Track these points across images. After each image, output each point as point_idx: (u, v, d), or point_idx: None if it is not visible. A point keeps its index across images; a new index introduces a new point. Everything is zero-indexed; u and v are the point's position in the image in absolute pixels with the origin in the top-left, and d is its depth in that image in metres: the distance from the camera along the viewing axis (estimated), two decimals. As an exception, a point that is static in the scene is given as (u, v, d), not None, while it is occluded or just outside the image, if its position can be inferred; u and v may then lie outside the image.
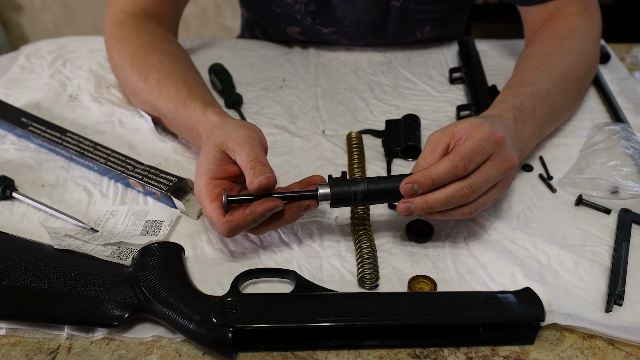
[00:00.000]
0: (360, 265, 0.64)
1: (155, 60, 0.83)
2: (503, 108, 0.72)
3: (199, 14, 2.26)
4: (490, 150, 0.62)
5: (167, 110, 0.79)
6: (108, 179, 0.78)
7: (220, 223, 0.62)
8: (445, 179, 0.61)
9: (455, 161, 0.60)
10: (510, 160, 0.63)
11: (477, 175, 0.61)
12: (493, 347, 0.57)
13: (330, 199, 0.63)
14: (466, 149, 0.61)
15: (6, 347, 0.58)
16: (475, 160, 0.61)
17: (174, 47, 0.88)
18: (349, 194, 0.63)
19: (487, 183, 0.62)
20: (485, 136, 0.62)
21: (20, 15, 2.36)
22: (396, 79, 0.98)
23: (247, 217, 0.61)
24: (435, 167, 0.61)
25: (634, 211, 0.70)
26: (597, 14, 0.90)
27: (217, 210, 0.62)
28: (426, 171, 0.61)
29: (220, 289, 0.62)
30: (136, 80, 0.83)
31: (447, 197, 0.61)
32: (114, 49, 0.88)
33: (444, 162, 0.61)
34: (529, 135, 0.73)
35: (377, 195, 0.63)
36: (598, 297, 0.61)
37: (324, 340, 0.57)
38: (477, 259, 0.65)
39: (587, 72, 0.85)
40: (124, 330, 0.59)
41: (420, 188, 0.61)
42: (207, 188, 0.63)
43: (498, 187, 0.64)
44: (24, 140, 0.84)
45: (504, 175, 0.63)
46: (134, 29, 0.88)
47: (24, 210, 0.73)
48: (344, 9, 0.99)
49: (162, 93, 0.79)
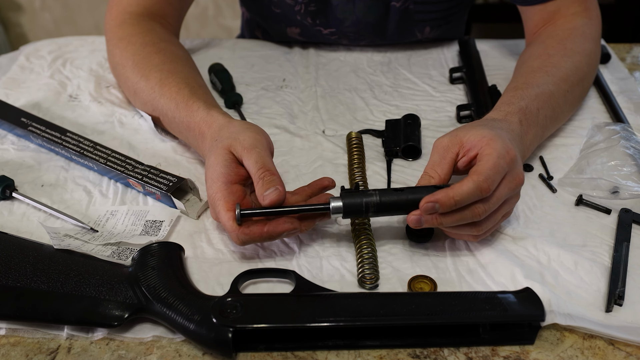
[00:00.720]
0: (360, 265, 0.64)
1: (157, 60, 0.83)
2: (509, 111, 0.72)
3: (199, 14, 2.26)
4: (507, 169, 0.62)
5: (167, 109, 0.79)
6: (108, 179, 0.78)
7: (236, 234, 0.62)
8: (469, 200, 0.60)
9: (480, 182, 0.59)
10: (519, 177, 0.63)
11: (494, 197, 0.61)
12: (493, 347, 0.57)
13: (342, 211, 0.63)
14: (487, 169, 0.60)
15: (6, 347, 0.58)
16: (496, 181, 0.60)
17: (176, 47, 0.88)
18: (360, 207, 0.62)
19: (499, 202, 0.62)
20: (501, 154, 0.62)
21: (20, 15, 2.36)
22: (396, 79, 0.98)
23: (264, 234, 0.62)
24: (459, 188, 0.59)
25: (634, 211, 0.70)
26: (597, 14, 0.90)
27: (233, 220, 0.62)
28: (450, 191, 0.59)
29: (220, 289, 0.62)
30: (137, 80, 0.83)
31: (459, 215, 0.61)
32: (115, 49, 0.87)
33: (468, 184, 0.59)
34: (531, 140, 0.73)
35: (390, 208, 0.62)
36: (598, 297, 0.61)
37: (324, 340, 0.57)
38: (477, 259, 0.65)
39: (588, 73, 0.85)
40: (124, 331, 0.59)
41: (441, 208, 0.59)
42: (222, 194, 0.63)
43: (507, 203, 0.64)
44: (23, 140, 0.84)
45: (513, 192, 0.63)
46: (136, 28, 0.88)
47: (23, 210, 0.73)
48: (344, 9, 0.99)
49: (163, 92, 0.79)
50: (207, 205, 0.72)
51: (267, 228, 0.62)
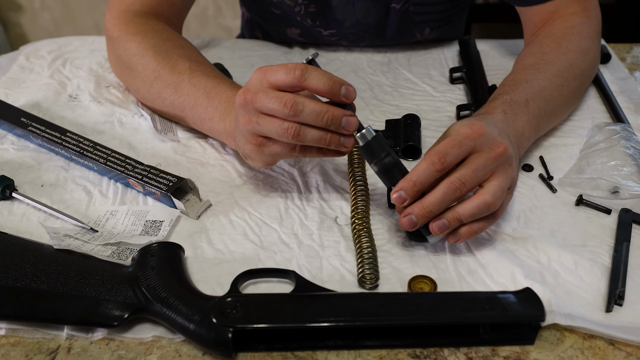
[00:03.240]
0: (360, 266, 0.64)
1: (180, 52, 0.82)
2: (492, 105, 0.73)
3: (199, 14, 2.26)
4: (470, 143, 0.62)
5: (203, 87, 0.77)
6: (108, 179, 0.78)
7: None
8: (427, 177, 0.61)
9: (431, 157, 0.61)
10: (499, 145, 0.62)
11: (464, 167, 0.61)
12: (493, 348, 0.57)
13: (368, 139, 0.63)
14: (440, 144, 0.62)
15: (6, 347, 0.58)
16: (451, 154, 0.61)
17: (192, 46, 0.87)
18: (383, 149, 0.63)
19: (477, 172, 0.61)
20: (461, 131, 0.62)
21: (20, 15, 2.36)
22: (396, 79, 0.98)
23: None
24: (414, 170, 0.62)
25: (634, 211, 0.70)
26: (597, 13, 0.90)
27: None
28: (407, 176, 0.62)
29: (220, 289, 0.62)
30: (161, 67, 0.81)
31: (441, 195, 0.61)
32: (129, 42, 0.85)
33: (421, 163, 0.61)
34: (522, 126, 0.72)
35: (397, 173, 0.63)
36: (598, 297, 0.61)
37: (324, 340, 0.57)
38: (477, 259, 0.65)
39: (585, 70, 0.85)
40: (124, 331, 0.59)
41: (407, 194, 0.61)
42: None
43: (500, 173, 0.62)
44: (23, 140, 0.84)
45: (498, 161, 0.62)
46: (148, 26, 0.87)
47: (23, 210, 0.73)
48: (343, 11, 0.99)
49: (195, 75, 0.78)
50: (207, 205, 0.72)
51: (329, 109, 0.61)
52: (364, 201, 0.71)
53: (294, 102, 0.61)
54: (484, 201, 0.61)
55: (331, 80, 0.60)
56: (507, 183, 0.63)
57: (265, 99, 0.62)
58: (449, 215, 0.62)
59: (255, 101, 0.62)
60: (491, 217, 0.63)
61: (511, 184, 0.64)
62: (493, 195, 0.61)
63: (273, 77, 0.62)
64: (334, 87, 0.61)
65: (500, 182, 0.62)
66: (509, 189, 0.64)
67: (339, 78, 0.61)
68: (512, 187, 0.65)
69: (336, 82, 0.61)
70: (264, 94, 0.62)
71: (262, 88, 0.62)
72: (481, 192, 0.61)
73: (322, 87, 0.61)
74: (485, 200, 0.61)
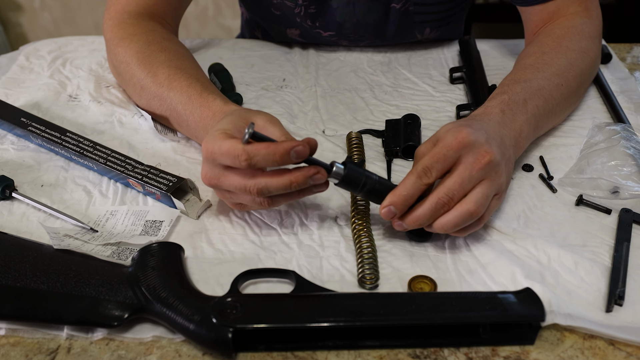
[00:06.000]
0: (360, 266, 0.64)
1: (163, 57, 0.82)
2: (489, 105, 0.73)
3: (199, 14, 2.26)
4: (455, 155, 0.63)
5: (178, 102, 0.77)
6: (108, 179, 0.78)
7: (243, 154, 0.60)
8: (415, 190, 0.63)
9: (417, 171, 0.63)
10: (484, 154, 0.63)
11: (450, 180, 0.62)
12: (493, 348, 0.57)
13: (341, 176, 0.63)
14: (425, 159, 0.63)
15: (6, 347, 0.58)
16: (436, 168, 0.63)
17: (179, 46, 0.87)
18: (360, 179, 0.63)
19: (463, 185, 0.62)
20: (447, 141, 0.63)
21: (20, 15, 2.36)
22: (396, 79, 0.98)
23: (271, 155, 0.60)
24: (402, 184, 0.63)
25: (634, 211, 0.70)
26: (598, 13, 0.90)
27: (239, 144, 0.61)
28: (396, 190, 0.63)
29: (220, 289, 0.62)
30: (144, 76, 0.82)
31: (429, 211, 0.62)
32: (118, 47, 0.86)
33: (409, 176, 0.63)
34: (521, 125, 0.73)
35: (382, 193, 0.64)
36: (598, 297, 0.61)
37: (324, 341, 0.57)
38: (477, 259, 0.65)
39: (585, 70, 0.85)
40: (124, 331, 0.59)
41: (397, 208, 0.63)
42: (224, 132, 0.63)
43: (485, 182, 0.63)
44: (23, 140, 0.84)
45: (483, 170, 0.63)
46: (137, 28, 0.87)
47: (23, 210, 0.73)
48: (343, 12, 0.99)
49: (172, 87, 0.78)
50: (207, 205, 0.72)
51: (290, 177, 0.61)
52: (364, 201, 0.71)
53: (256, 185, 0.62)
54: (467, 210, 0.62)
55: (277, 153, 0.60)
56: (492, 191, 0.64)
57: (225, 180, 0.64)
58: (435, 225, 0.63)
59: (220, 184, 0.64)
60: (476, 223, 0.64)
61: (498, 191, 0.65)
62: (476, 204, 0.62)
63: (223, 162, 0.63)
64: (284, 159, 0.60)
65: (484, 190, 0.63)
66: (496, 195, 0.65)
67: (286, 144, 0.60)
68: (500, 193, 0.66)
69: (283, 153, 0.60)
70: (224, 176, 0.64)
71: (216, 164, 0.64)
72: (465, 200, 0.62)
73: (272, 164, 0.61)
74: (469, 209, 0.62)
